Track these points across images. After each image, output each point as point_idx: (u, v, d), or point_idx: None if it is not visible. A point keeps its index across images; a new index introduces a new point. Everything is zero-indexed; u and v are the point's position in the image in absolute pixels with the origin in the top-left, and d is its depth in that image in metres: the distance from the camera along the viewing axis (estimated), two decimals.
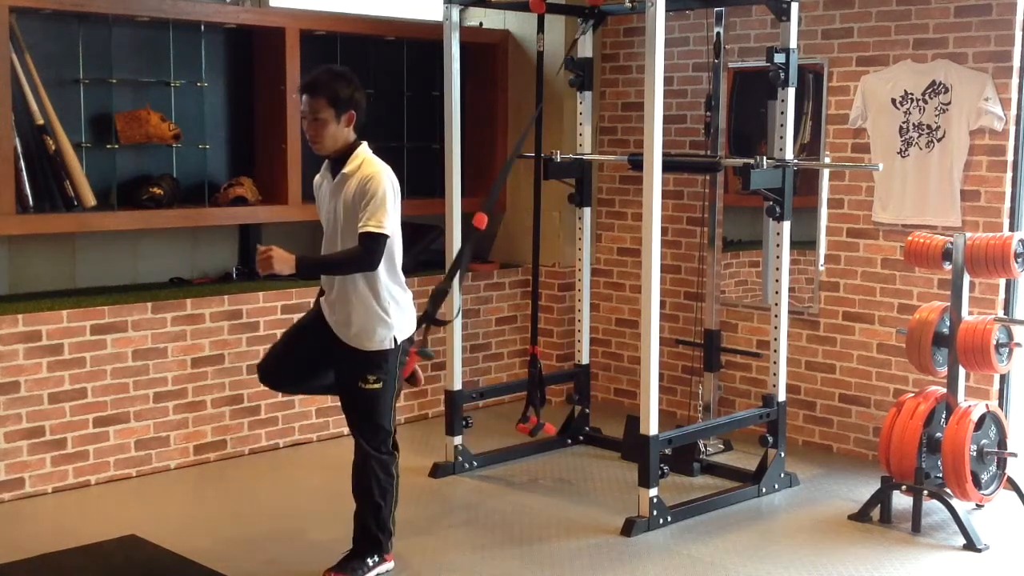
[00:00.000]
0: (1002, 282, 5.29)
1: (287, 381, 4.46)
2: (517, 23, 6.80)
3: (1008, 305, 5.33)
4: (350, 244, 4.11)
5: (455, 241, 5.48)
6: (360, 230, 4.03)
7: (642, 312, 4.78)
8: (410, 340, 4.31)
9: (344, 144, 4.15)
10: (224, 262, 6.06)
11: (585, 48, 5.80)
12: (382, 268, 4.12)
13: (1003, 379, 5.36)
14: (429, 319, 4.52)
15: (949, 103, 5.36)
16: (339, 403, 4.37)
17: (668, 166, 4.93)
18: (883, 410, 5.54)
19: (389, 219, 4.04)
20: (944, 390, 4.89)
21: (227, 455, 5.69)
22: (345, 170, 4.13)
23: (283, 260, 4.06)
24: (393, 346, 4.19)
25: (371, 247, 4.04)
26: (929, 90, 5.43)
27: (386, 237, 4.05)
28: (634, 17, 6.43)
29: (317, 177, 4.34)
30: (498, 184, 5.14)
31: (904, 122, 5.52)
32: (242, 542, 4.66)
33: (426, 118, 6.54)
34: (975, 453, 4.73)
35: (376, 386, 4.15)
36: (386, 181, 4.07)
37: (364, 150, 4.18)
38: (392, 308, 4.18)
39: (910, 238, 4.99)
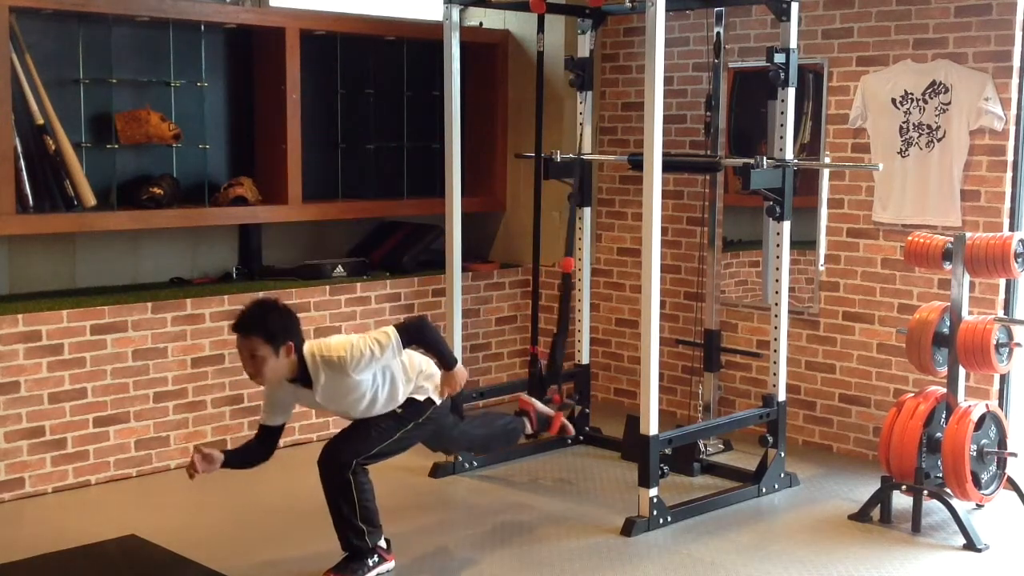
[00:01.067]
0: (1002, 282, 5.29)
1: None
2: (517, 23, 6.80)
3: (1008, 305, 5.33)
4: (383, 398, 4.21)
5: (455, 241, 5.47)
6: (385, 332, 4.10)
7: (642, 312, 4.79)
8: (445, 403, 4.43)
9: (293, 369, 4.08)
10: (224, 262, 6.06)
11: (585, 48, 5.80)
12: (397, 387, 4.23)
13: (1003, 379, 5.36)
14: (556, 378, 5.05)
15: (949, 103, 5.36)
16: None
17: (668, 166, 4.93)
18: (883, 410, 5.54)
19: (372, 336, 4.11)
20: (944, 390, 4.89)
21: None
22: (318, 381, 4.10)
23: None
24: (427, 396, 4.30)
25: (408, 324, 4.21)
26: (929, 90, 5.43)
27: (394, 329, 4.13)
28: (634, 17, 6.43)
29: (279, 392, 4.22)
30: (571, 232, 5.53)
31: (904, 122, 5.52)
32: (242, 542, 4.66)
33: (426, 118, 6.54)
34: (975, 453, 4.73)
35: (390, 420, 4.24)
36: (344, 344, 4.07)
37: (311, 353, 4.08)
38: (420, 376, 4.32)
39: (910, 238, 4.98)
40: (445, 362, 4.32)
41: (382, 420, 4.24)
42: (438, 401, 4.37)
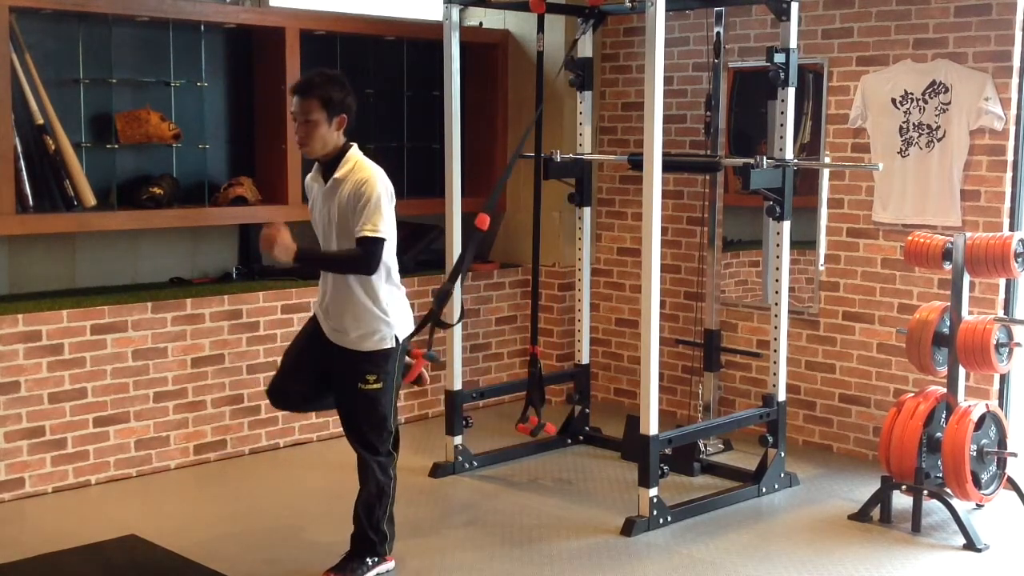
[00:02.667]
0: (1002, 282, 5.29)
1: (298, 400, 4.46)
2: (517, 23, 6.80)
3: (1008, 305, 5.33)
4: (346, 248, 4.11)
5: (455, 241, 5.48)
6: (357, 234, 4.03)
7: (642, 312, 4.79)
8: (409, 339, 4.30)
9: (334, 148, 4.12)
10: (224, 262, 6.06)
11: (585, 48, 5.80)
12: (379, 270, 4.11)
13: (1003, 379, 5.36)
14: (434, 320, 4.48)
15: (949, 103, 5.36)
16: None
17: (668, 166, 4.93)
18: (883, 410, 5.54)
19: (385, 223, 4.04)
20: (944, 390, 4.89)
21: (227, 455, 5.69)
22: (337, 175, 4.10)
23: (285, 247, 4.02)
24: (394, 344, 4.19)
25: (370, 251, 4.04)
26: (929, 90, 5.43)
27: (383, 241, 4.04)
28: (634, 17, 6.43)
29: (308, 178, 4.31)
30: (499, 185, 5.13)
31: (904, 122, 5.52)
32: (242, 542, 4.66)
33: (426, 118, 6.54)
34: (975, 453, 4.73)
35: (376, 386, 4.14)
36: (380, 184, 4.06)
37: (355, 153, 4.15)
38: (391, 308, 4.17)
39: (910, 238, 4.98)
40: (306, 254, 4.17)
41: (368, 402, 4.14)
42: (402, 338, 4.22)
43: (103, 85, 5.44)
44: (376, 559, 4.25)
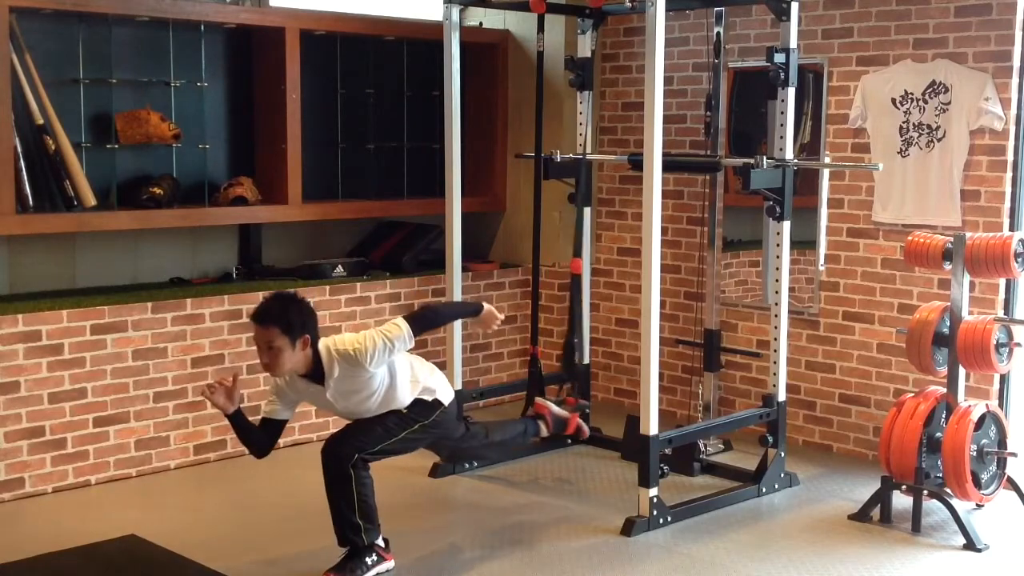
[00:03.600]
0: (1002, 282, 5.29)
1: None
2: (517, 23, 6.80)
3: (1008, 305, 5.33)
4: (385, 399, 4.23)
5: (455, 241, 5.47)
6: (395, 324, 4.15)
7: (642, 312, 4.78)
8: (452, 408, 4.44)
9: (308, 363, 4.12)
10: (224, 262, 6.06)
11: (585, 48, 5.80)
12: (404, 386, 4.25)
13: (1003, 379, 5.36)
14: (570, 376, 5.03)
15: (949, 103, 5.36)
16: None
17: (668, 166, 4.93)
18: (883, 410, 5.54)
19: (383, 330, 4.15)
20: (944, 390, 4.89)
21: (227, 455, 5.69)
22: (335, 375, 4.13)
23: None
24: (434, 398, 4.32)
25: (417, 313, 4.32)
26: (929, 90, 5.42)
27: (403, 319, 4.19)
28: (634, 17, 6.43)
29: (281, 382, 4.24)
30: (579, 232, 5.46)
31: (904, 122, 5.52)
32: (242, 542, 4.66)
33: (426, 118, 6.54)
34: (975, 453, 4.73)
35: (403, 411, 4.26)
36: (358, 337, 4.13)
37: (326, 348, 4.13)
38: (424, 382, 4.33)
39: (910, 238, 4.98)
40: (472, 313, 4.52)
41: (388, 418, 4.26)
42: (446, 403, 4.39)
43: (103, 85, 5.44)
44: (375, 558, 4.25)
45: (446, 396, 4.42)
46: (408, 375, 4.28)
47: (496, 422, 5.18)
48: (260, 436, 4.30)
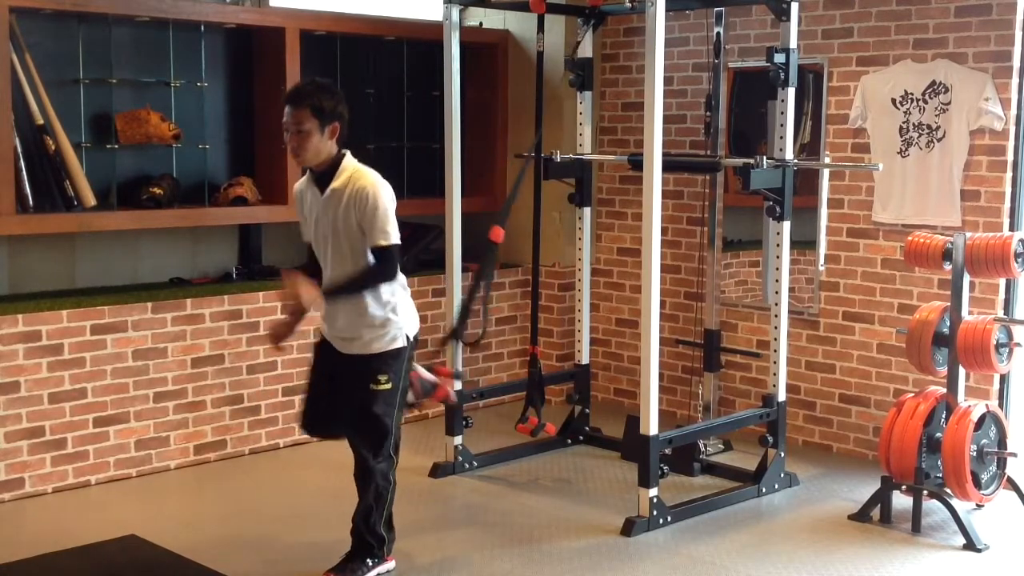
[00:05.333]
0: (1002, 282, 5.29)
1: (331, 426, 4.37)
2: (517, 23, 6.80)
3: (1008, 305, 5.33)
4: (353, 258, 4.09)
5: (455, 241, 5.47)
6: (372, 245, 4.03)
7: (642, 312, 4.79)
8: (416, 338, 4.30)
9: (328, 157, 4.09)
10: (224, 262, 6.06)
11: (585, 48, 5.80)
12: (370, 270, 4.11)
13: (1003, 379, 5.36)
14: (457, 336, 4.47)
15: (949, 103, 5.36)
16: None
17: (668, 166, 4.93)
18: (883, 410, 5.54)
19: (394, 227, 4.05)
20: (944, 390, 4.89)
21: (227, 455, 5.69)
22: (334, 185, 4.08)
23: (310, 299, 4.02)
24: (404, 344, 4.19)
25: (389, 260, 4.06)
26: (929, 90, 5.43)
27: (399, 247, 4.07)
28: (634, 17, 6.43)
29: (298, 187, 4.26)
30: (510, 198, 5.13)
31: (904, 122, 5.53)
32: (242, 542, 4.66)
33: (426, 118, 6.54)
34: (975, 453, 4.73)
35: (387, 386, 4.13)
36: (383, 190, 4.06)
37: (350, 161, 4.12)
38: (399, 307, 4.18)
39: (910, 238, 4.99)
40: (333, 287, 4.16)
41: (376, 403, 4.13)
42: (411, 336, 4.24)
43: (103, 85, 5.44)
44: (376, 560, 4.25)
45: (412, 328, 4.25)
46: (387, 288, 4.13)
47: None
48: (314, 267, 4.22)
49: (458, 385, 5.34)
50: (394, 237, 4.05)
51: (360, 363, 4.16)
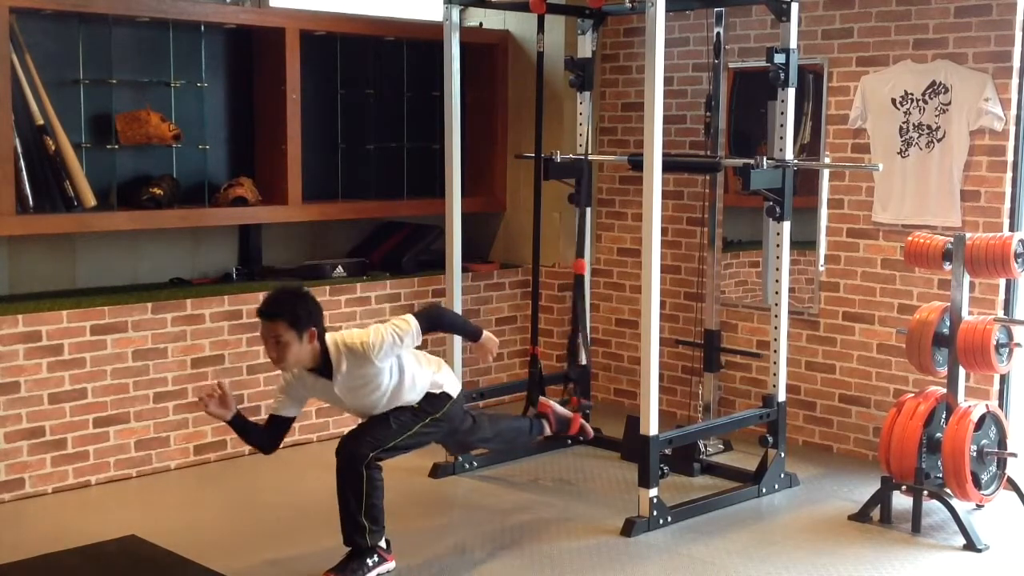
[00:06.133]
0: (1002, 282, 5.29)
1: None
2: (517, 23, 6.80)
3: (1008, 305, 5.33)
4: (394, 389, 4.22)
5: (455, 241, 5.47)
6: (404, 319, 4.18)
7: (642, 312, 4.79)
8: (460, 400, 4.47)
9: (315, 356, 4.11)
10: (224, 262, 6.06)
11: (585, 48, 5.80)
12: (414, 381, 4.26)
13: (1003, 379, 5.36)
14: (572, 378, 5.16)
15: (949, 103, 5.36)
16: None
17: (668, 166, 4.93)
18: (883, 410, 5.54)
19: (390, 323, 4.18)
20: (944, 390, 4.89)
21: (227, 455, 5.69)
22: (342, 369, 4.13)
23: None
24: (438, 392, 4.33)
25: (425, 311, 4.34)
26: (929, 90, 5.43)
27: (412, 315, 4.22)
28: (634, 17, 6.43)
29: (291, 376, 4.23)
30: (580, 233, 5.58)
31: (904, 122, 5.53)
32: (242, 542, 4.66)
33: (426, 118, 6.54)
34: (975, 453, 4.73)
35: (415, 407, 4.28)
36: (356, 333, 4.15)
37: (334, 341, 4.14)
38: (437, 381, 4.36)
39: (910, 238, 4.99)
40: (471, 335, 4.50)
41: (400, 413, 4.26)
42: (454, 395, 4.41)
43: (103, 85, 5.44)
44: (376, 559, 4.25)
45: (454, 388, 4.43)
46: (416, 370, 4.28)
47: (501, 416, 5.19)
48: (264, 436, 4.31)
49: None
50: (401, 318, 4.20)
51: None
